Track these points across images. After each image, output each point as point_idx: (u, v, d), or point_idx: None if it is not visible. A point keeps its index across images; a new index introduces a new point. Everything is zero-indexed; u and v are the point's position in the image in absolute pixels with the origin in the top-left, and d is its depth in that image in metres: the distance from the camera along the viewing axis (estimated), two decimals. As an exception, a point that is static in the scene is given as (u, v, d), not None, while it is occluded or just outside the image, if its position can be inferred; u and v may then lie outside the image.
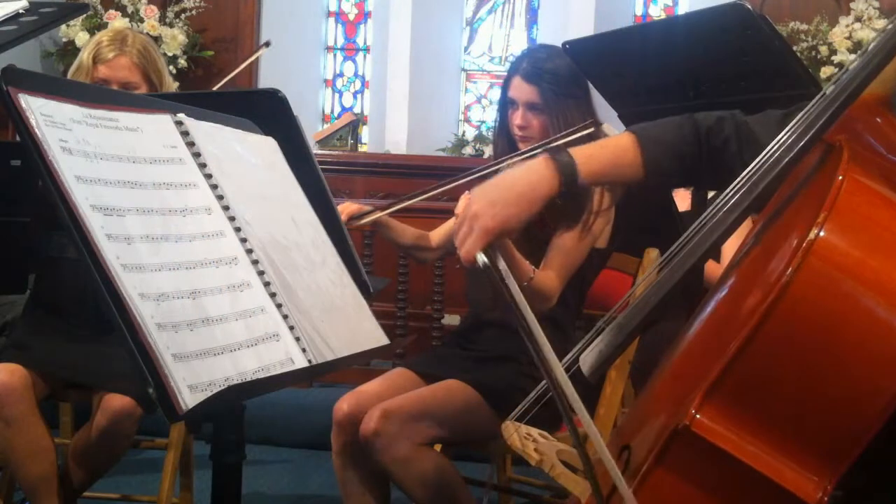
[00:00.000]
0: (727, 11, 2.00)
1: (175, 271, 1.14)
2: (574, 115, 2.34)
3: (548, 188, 1.31)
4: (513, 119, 2.40)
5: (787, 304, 0.90)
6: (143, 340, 1.05)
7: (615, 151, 1.36)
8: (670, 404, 1.01)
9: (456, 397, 2.24)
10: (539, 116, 2.36)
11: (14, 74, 1.09)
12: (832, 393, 0.90)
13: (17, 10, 1.96)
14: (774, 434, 0.92)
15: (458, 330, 2.62)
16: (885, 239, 0.93)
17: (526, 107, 2.37)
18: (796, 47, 5.14)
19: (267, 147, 1.48)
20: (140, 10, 5.72)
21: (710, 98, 2.16)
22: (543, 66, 2.36)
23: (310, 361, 1.24)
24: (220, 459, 1.27)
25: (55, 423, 2.76)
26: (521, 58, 2.45)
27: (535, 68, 2.36)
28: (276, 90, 1.64)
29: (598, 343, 1.17)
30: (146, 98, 1.61)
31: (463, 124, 6.30)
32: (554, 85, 2.34)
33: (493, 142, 2.60)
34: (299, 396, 3.96)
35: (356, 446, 2.19)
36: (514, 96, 2.38)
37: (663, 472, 0.95)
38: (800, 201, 1.05)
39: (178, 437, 2.51)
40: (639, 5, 6.15)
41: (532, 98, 2.35)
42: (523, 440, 1.21)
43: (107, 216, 1.10)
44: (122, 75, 2.46)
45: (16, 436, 2.27)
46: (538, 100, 2.35)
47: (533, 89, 2.35)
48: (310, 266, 1.37)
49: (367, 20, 6.44)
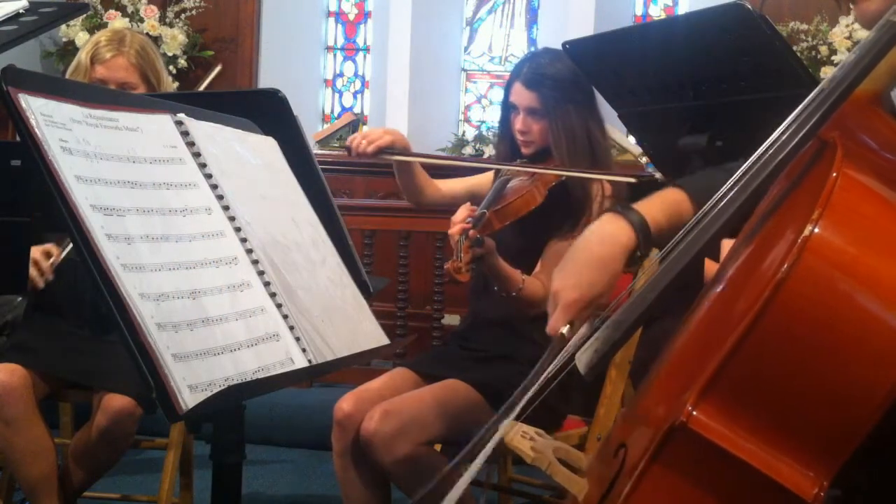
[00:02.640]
0: (727, 11, 2.00)
1: (175, 271, 1.14)
2: (574, 121, 2.35)
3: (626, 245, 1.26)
4: (514, 124, 2.40)
5: (783, 300, 0.90)
6: (143, 340, 1.05)
7: (671, 206, 1.32)
8: (666, 401, 1.02)
9: (456, 397, 2.24)
10: (539, 122, 2.37)
11: (14, 74, 1.09)
12: (828, 389, 0.90)
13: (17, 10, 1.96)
14: (770, 430, 0.92)
15: (458, 330, 2.63)
16: (880, 235, 0.93)
17: (526, 112, 2.37)
18: (796, 47, 5.15)
19: (267, 147, 1.48)
20: (140, 10, 5.72)
21: (710, 98, 2.16)
22: (544, 71, 2.36)
23: (310, 361, 1.24)
24: (220, 459, 1.27)
25: (55, 423, 2.76)
26: (522, 62, 2.45)
27: (536, 74, 2.36)
28: (276, 90, 1.64)
29: (593, 341, 1.17)
30: (146, 98, 1.61)
31: (463, 124, 6.30)
32: (554, 91, 2.34)
33: (495, 145, 2.61)
34: (299, 396, 3.97)
35: (357, 446, 2.19)
36: (515, 101, 2.39)
37: (660, 470, 0.95)
38: (794, 198, 1.05)
39: (178, 437, 2.52)
40: (639, 5, 6.15)
41: (532, 104, 2.36)
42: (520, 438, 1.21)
43: (107, 216, 1.10)
44: (119, 75, 2.47)
45: (16, 436, 2.27)
46: (538, 105, 2.35)
47: (533, 95, 2.35)
48: (310, 266, 1.37)
49: (367, 20, 6.44)
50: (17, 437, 2.28)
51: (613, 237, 1.26)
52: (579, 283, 1.24)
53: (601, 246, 1.26)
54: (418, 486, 2.18)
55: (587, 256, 1.25)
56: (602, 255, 1.25)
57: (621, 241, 1.25)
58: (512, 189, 2.31)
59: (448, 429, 2.22)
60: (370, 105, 6.38)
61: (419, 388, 2.31)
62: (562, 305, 1.23)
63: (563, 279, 1.25)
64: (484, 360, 2.35)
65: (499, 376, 2.26)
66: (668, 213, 1.30)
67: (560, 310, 1.24)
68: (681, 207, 1.31)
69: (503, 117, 2.47)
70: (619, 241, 1.25)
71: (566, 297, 1.23)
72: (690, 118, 2.17)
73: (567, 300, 1.23)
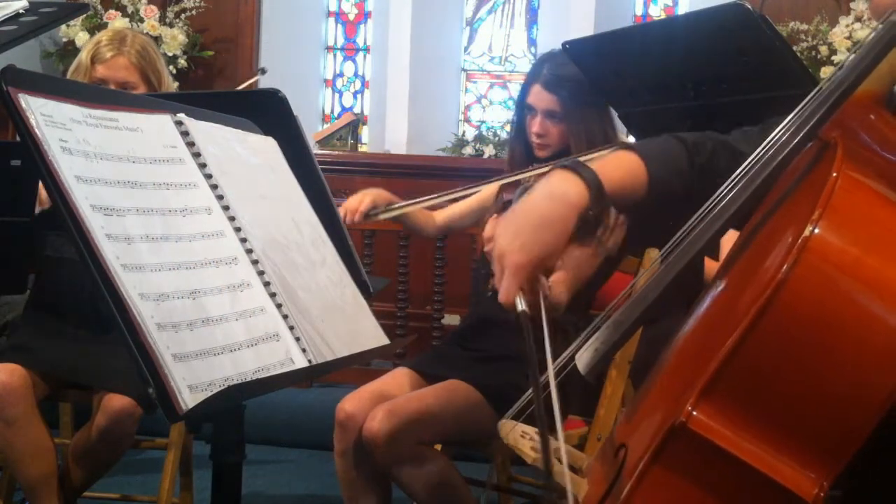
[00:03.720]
0: (727, 11, 2.00)
1: (175, 271, 1.14)
2: (594, 124, 2.33)
3: (576, 203, 1.15)
4: (530, 125, 2.39)
5: (783, 300, 0.90)
6: (143, 340, 1.05)
7: (622, 165, 1.22)
8: (666, 402, 1.02)
9: (457, 397, 2.24)
10: (558, 125, 2.35)
11: (14, 74, 1.09)
12: (828, 389, 0.90)
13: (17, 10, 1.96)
14: (771, 431, 0.92)
15: (459, 329, 2.63)
16: (881, 235, 0.93)
17: (545, 115, 2.36)
18: (796, 47, 5.14)
19: (267, 147, 1.48)
20: (140, 10, 5.72)
21: (711, 98, 2.16)
22: (564, 73, 2.34)
23: (310, 361, 1.24)
24: (220, 459, 1.27)
25: (55, 423, 2.76)
26: (540, 63, 2.43)
27: (556, 76, 2.35)
28: (276, 90, 1.64)
29: (594, 341, 1.17)
30: (146, 98, 1.61)
31: (463, 124, 6.30)
32: (574, 93, 2.33)
33: (509, 146, 2.59)
34: (299, 396, 3.97)
35: (358, 447, 2.19)
36: (533, 103, 2.37)
37: (660, 470, 0.95)
38: (795, 198, 1.05)
39: (178, 437, 2.52)
40: (639, 5, 6.15)
41: (551, 106, 2.34)
42: (520, 438, 1.21)
43: (107, 216, 1.10)
44: (120, 75, 2.46)
45: (16, 436, 2.27)
46: (558, 108, 2.34)
47: (553, 98, 2.34)
48: (310, 266, 1.37)
49: (367, 20, 6.44)
50: (17, 437, 2.27)
51: (563, 194, 1.15)
52: (524, 243, 1.12)
53: (550, 202, 1.15)
54: (419, 487, 2.18)
55: (534, 216, 1.14)
56: (549, 214, 1.14)
57: (570, 199, 1.14)
58: None
59: (449, 429, 2.22)
60: (370, 105, 6.38)
61: (420, 388, 2.31)
62: (508, 270, 1.12)
63: (510, 240, 1.13)
64: (484, 360, 2.35)
65: (499, 376, 2.26)
66: (621, 174, 1.21)
67: (508, 275, 1.12)
68: (635, 170, 1.22)
69: (517, 119, 2.46)
70: (568, 199, 1.14)
71: (512, 260, 1.12)
72: (690, 118, 2.17)
73: (513, 264, 1.12)
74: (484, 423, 2.19)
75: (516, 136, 2.48)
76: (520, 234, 1.13)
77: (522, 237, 1.13)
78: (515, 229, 1.14)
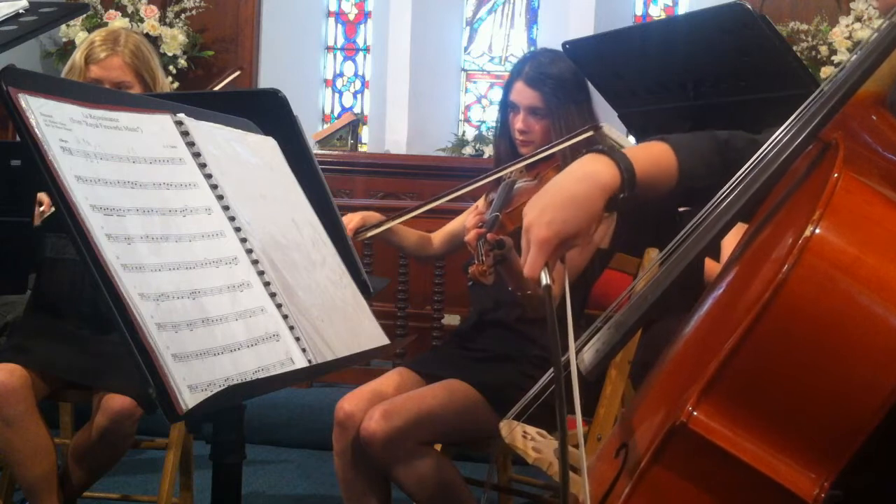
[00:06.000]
0: (727, 11, 2.00)
1: (175, 271, 1.14)
2: (576, 120, 2.34)
3: (606, 184, 1.17)
4: (514, 122, 2.40)
5: (783, 300, 0.90)
6: (143, 340, 1.05)
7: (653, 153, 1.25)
8: (667, 402, 1.02)
9: (457, 397, 2.24)
10: (541, 121, 2.36)
11: (14, 74, 1.09)
12: (829, 389, 0.90)
13: (17, 10, 1.96)
14: (771, 431, 0.92)
15: (459, 330, 2.63)
16: (881, 236, 0.93)
17: (528, 111, 2.36)
18: (796, 47, 5.15)
19: (267, 147, 1.48)
20: (140, 10, 5.72)
21: (711, 98, 2.16)
22: (547, 70, 2.36)
23: (310, 361, 1.24)
24: (220, 459, 1.27)
25: (55, 423, 2.77)
26: (523, 62, 2.44)
27: (538, 73, 2.36)
28: (276, 90, 1.64)
29: (595, 341, 1.17)
30: (146, 98, 1.61)
31: (463, 124, 6.30)
32: (557, 90, 2.34)
33: (494, 144, 2.60)
34: (299, 396, 3.97)
35: (357, 446, 2.19)
36: (516, 100, 2.38)
37: (661, 470, 0.95)
38: (796, 199, 1.05)
39: (178, 437, 2.52)
40: (639, 5, 6.15)
41: (534, 103, 2.35)
42: (521, 438, 1.21)
43: (107, 216, 1.10)
44: (114, 75, 2.46)
45: (16, 436, 2.27)
46: (541, 105, 2.35)
47: (535, 94, 2.35)
48: (310, 266, 1.37)
49: (367, 20, 6.45)
50: (17, 437, 2.27)
51: (595, 175, 1.17)
52: (553, 219, 1.14)
53: (580, 183, 1.17)
54: (418, 486, 2.18)
55: (564, 194, 1.16)
56: (578, 193, 1.16)
57: (601, 180, 1.17)
58: (520, 190, 2.31)
59: (448, 429, 2.22)
60: (370, 105, 6.39)
61: (420, 387, 2.31)
62: (535, 243, 1.14)
63: (537, 215, 1.15)
64: (484, 360, 2.35)
65: (499, 376, 2.26)
66: (652, 162, 1.23)
67: (534, 248, 1.14)
68: (666, 160, 1.25)
69: (501, 117, 2.46)
70: (599, 180, 1.17)
71: (538, 234, 1.14)
72: (691, 118, 2.17)
73: (539, 237, 1.14)
74: (483, 423, 2.19)
75: (501, 133, 2.49)
76: (547, 209, 1.15)
77: (550, 213, 1.15)
78: (544, 205, 1.16)
